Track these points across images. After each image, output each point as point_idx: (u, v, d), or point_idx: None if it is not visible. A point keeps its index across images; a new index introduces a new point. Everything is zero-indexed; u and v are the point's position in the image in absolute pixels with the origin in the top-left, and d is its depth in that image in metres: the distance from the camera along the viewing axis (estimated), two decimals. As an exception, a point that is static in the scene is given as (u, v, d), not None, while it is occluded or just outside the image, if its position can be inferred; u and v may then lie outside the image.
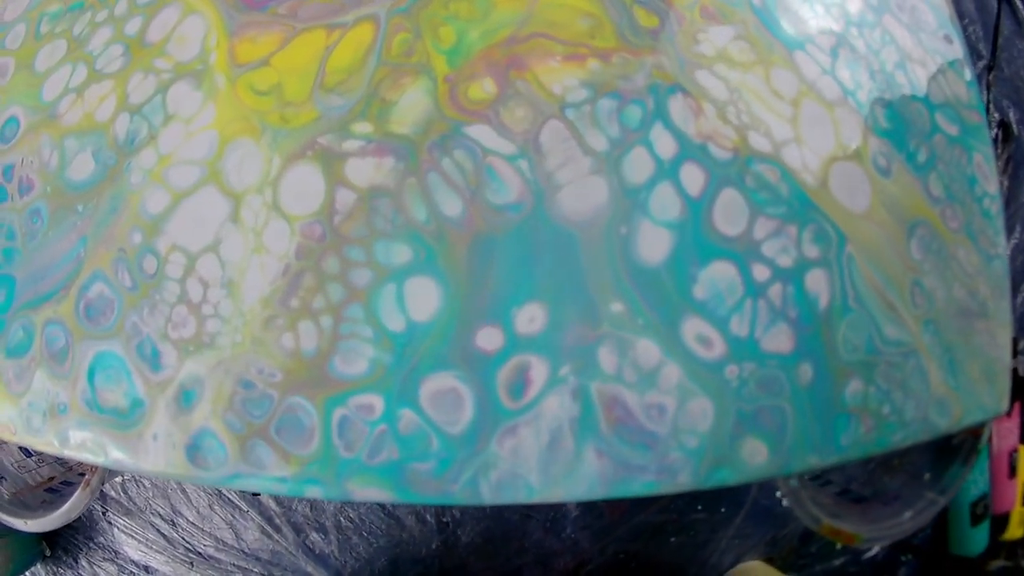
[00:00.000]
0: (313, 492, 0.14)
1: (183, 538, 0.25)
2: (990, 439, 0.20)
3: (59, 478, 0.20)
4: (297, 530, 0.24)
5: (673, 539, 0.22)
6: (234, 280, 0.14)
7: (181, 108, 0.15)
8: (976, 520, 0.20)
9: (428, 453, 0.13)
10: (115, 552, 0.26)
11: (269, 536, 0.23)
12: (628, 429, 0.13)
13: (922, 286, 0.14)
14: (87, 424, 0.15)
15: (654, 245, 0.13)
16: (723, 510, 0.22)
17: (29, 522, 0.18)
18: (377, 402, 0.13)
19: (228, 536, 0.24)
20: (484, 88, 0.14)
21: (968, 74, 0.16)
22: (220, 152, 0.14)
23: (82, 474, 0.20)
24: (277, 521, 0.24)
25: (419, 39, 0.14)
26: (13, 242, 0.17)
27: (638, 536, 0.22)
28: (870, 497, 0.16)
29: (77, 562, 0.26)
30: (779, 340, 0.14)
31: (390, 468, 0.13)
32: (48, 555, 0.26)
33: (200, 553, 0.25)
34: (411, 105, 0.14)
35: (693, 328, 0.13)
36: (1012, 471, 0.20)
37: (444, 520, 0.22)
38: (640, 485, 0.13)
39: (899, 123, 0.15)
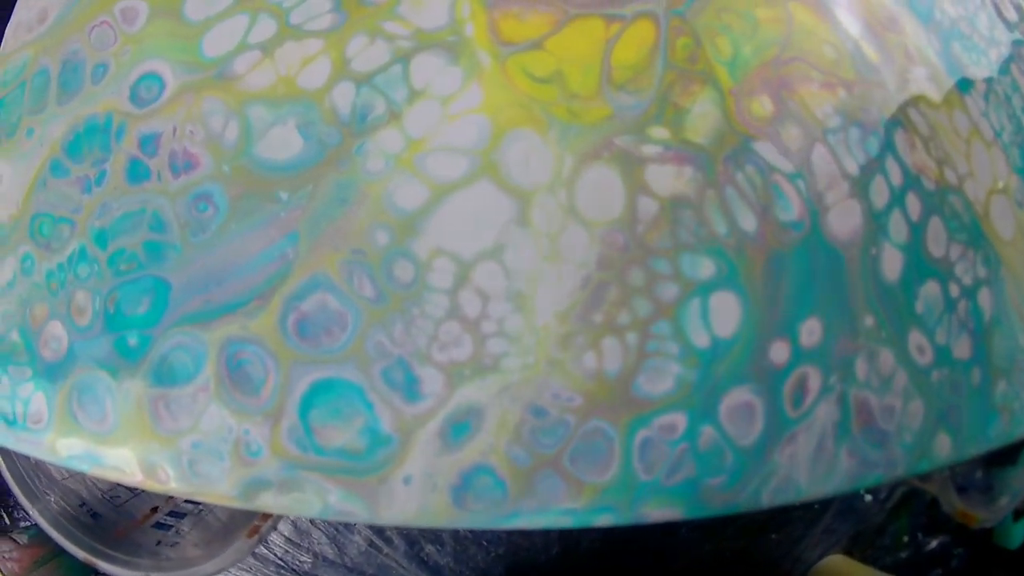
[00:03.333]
0: (603, 521, 0.11)
1: (275, 555, 0.20)
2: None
3: (163, 508, 0.14)
4: (411, 542, 0.20)
5: (774, 536, 0.22)
6: (524, 292, 0.11)
7: (433, 85, 0.11)
8: (1017, 516, 0.23)
9: (722, 468, 0.12)
10: (188, 569, 0.20)
11: (378, 550, 0.19)
12: (870, 430, 0.13)
13: (1034, 302, 0.16)
14: (297, 469, 0.11)
15: (893, 265, 0.13)
16: (816, 507, 0.23)
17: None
18: (681, 420, 0.11)
19: (329, 551, 0.20)
20: (764, 105, 0.12)
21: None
22: (496, 142, 0.11)
23: (192, 501, 0.15)
24: (388, 533, 0.20)
25: (700, 46, 0.12)
26: (163, 235, 0.11)
27: (744, 534, 0.22)
28: (968, 487, 0.18)
29: (140, 581, 0.19)
30: (962, 348, 0.14)
31: (685, 487, 0.12)
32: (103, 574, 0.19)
33: (295, 570, 0.20)
34: (703, 114, 0.12)
35: (915, 339, 0.14)
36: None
37: (566, 525, 0.20)
38: (872, 478, 0.14)
39: (1025, 165, 0.17)
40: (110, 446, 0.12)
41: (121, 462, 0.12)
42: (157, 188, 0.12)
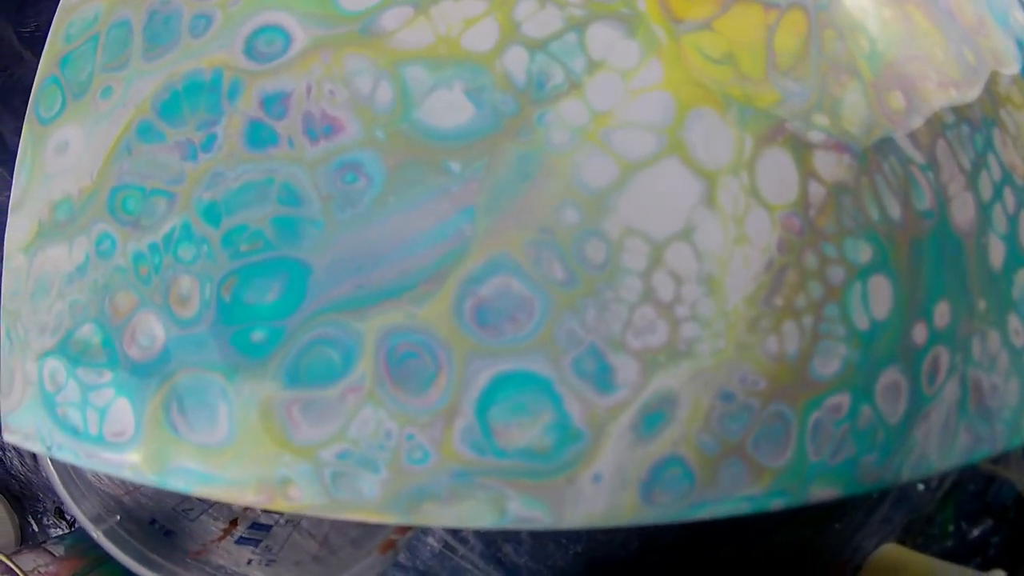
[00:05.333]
0: (776, 504, 0.11)
1: (341, 559, 0.18)
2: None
3: (243, 520, 0.12)
4: (488, 542, 0.19)
5: (836, 525, 0.23)
6: (714, 275, 0.11)
7: (612, 56, 0.11)
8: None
9: (874, 446, 0.12)
10: (242, 576, 0.18)
11: (452, 551, 0.18)
12: (982, 407, 0.14)
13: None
14: (471, 475, 0.10)
15: (997, 254, 0.15)
16: (875, 495, 0.24)
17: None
18: (845, 401, 0.12)
19: (400, 555, 0.18)
20: (898, 99, 0.13)
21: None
22: (680, 120, 0.11)
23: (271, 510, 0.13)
24: (463, 533, 0.19)
25: (843, 40, 0.13)
26: (299, 209, 0.10)
27: (811, 523, 0.23)
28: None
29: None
30: (1039, 329, 0.16)
31: (846, 465, 0.12)
32: None
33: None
34: (854, 105, 0.12)
35: (1013, 322, 0.15)
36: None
37: (646, 521, 0.20)
38: (980, 453, 0.15)
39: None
40: (223, 461, 0.11)
41: (238, 479, 0.11)
42: (288, 155, 0.11)
